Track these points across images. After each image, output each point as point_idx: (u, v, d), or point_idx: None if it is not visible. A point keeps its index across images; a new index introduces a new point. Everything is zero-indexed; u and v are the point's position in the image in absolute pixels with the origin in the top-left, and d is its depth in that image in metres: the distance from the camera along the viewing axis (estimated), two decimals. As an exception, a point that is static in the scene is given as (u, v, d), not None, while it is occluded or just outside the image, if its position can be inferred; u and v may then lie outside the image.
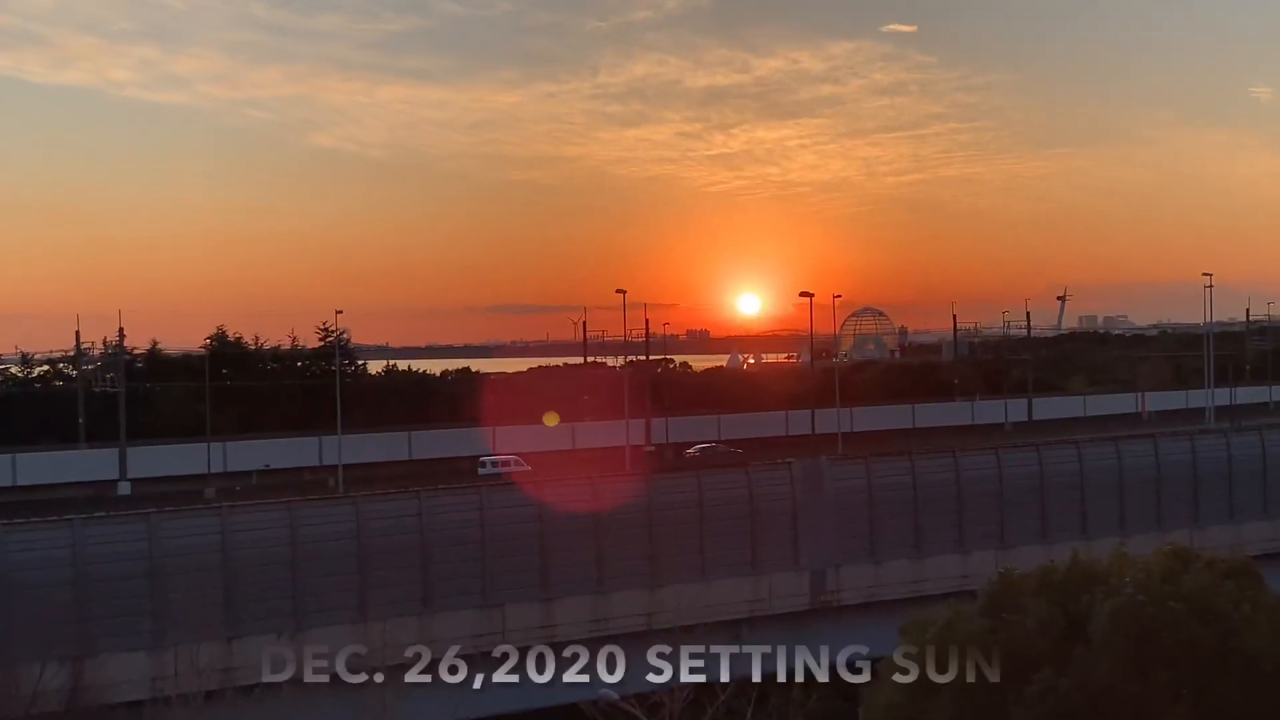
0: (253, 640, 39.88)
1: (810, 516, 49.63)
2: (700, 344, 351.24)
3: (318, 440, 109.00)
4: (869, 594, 49.73)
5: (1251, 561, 32.74)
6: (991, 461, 54.40)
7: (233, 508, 43.26)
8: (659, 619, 43.97)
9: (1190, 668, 28.34)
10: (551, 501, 45.83)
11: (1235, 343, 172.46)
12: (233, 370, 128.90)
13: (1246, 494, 58.63)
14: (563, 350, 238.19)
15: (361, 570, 42.27)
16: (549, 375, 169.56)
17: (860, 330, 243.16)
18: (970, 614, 30.94)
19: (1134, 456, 57.04)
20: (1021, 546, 51.33)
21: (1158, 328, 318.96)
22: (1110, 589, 29.75)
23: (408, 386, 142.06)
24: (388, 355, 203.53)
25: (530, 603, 44.52)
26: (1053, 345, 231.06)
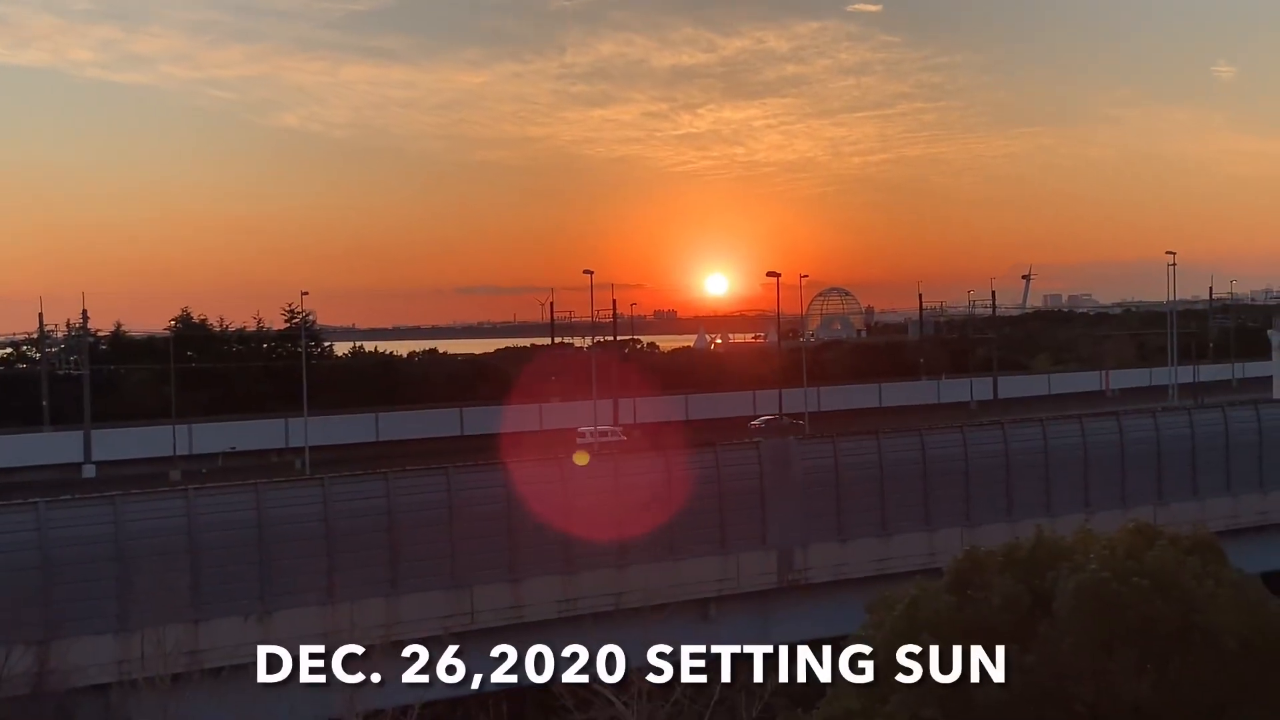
0: (220, 623, 39.79)
1: (778, 496, 49.80)
2: (668, 324, 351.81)
3: (284, 422, 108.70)
4: (836, 572, 49.97)
5: (1215, 537, 33.05)
6: (957, 440, 54.69)
7: (199, 490, 43.07)
8: (628, 599, 44.06)
9: (1154, 643, 28.61)
10: (519, 482, 45.82)
11: (1198, 321, 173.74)
12: (198, 352, 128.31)
13: (1210, 471, 59.14)
14: (530, 331, 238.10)
15: (329, 552, 42.18)
16: (516, 356, 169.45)
17: (827, 310, 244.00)
18: (936, 591, 31.13)
19: (1098, 434, 57.44)
20: (987, 524, 51.67)
21: (1121, 306, 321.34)
22: (1075, 565, 29.99)
23: (374, 368, 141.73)
24: (354, 337, 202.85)
25: (499, 583, 44.52)
26: (1018, 324, 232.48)
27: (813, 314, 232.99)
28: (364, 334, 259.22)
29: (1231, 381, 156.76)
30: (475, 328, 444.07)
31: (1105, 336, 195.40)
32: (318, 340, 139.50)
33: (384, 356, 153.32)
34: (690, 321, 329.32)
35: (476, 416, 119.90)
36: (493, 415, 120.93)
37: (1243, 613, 29.40)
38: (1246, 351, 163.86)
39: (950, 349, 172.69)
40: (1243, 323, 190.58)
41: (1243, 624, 29.16)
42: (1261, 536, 58.91)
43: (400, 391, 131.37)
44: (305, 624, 40.09)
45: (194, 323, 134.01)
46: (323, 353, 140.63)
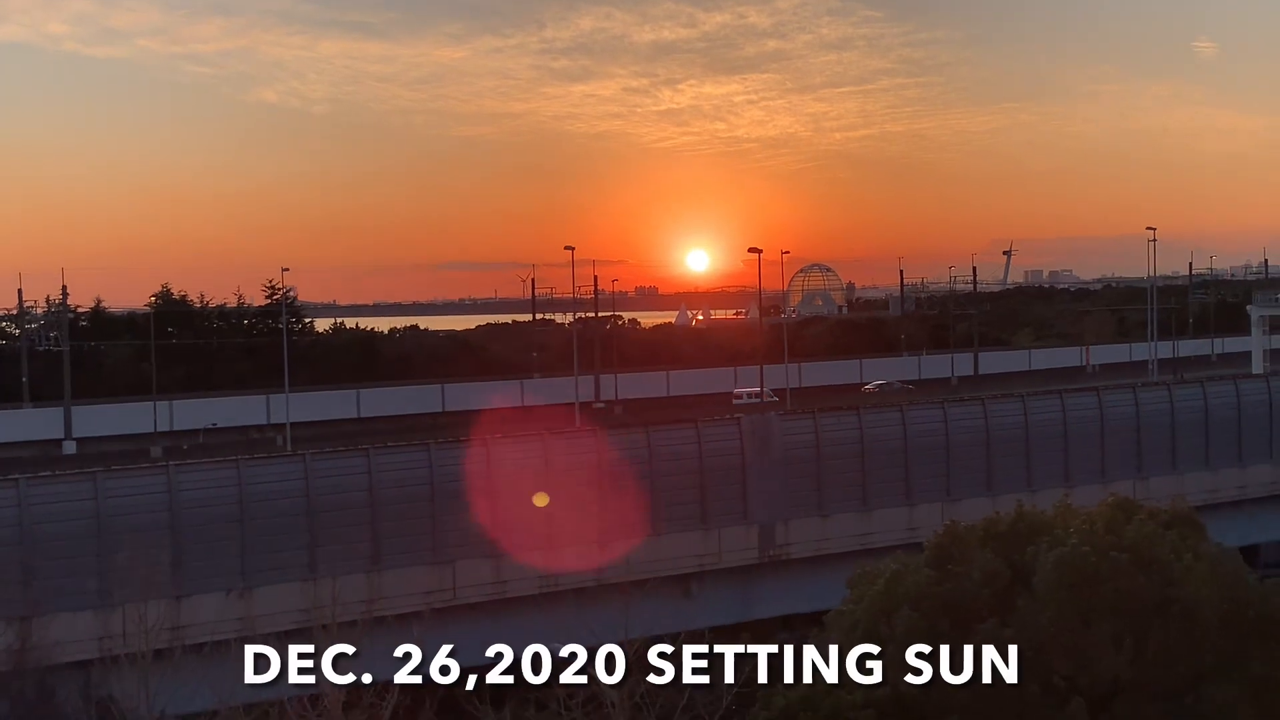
0: (201, 598, 39.76)
1: (759, 471, 49.88)
2: (649, 300, 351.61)
3: (265, 398, 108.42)
4: (817, 547, 50.10)
5: (1193, 512, 33.24)
6: (938, 415, 54.80)
7: (180, 466, 42.96)
8: (608, 574, 44.10)
9: (1132, 616, 28.78)
10: (501, 459, 45.80)
11: (1178, 296, 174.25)
12: (178, 328, 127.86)
13: (1188, 445, 59.39)
14: (511, 307, 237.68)
15: (310, 528, 42.16)
16: (498, 332, 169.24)
17: (808, 286, 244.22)
18: (916, 565, 31.28)
19: (1078, 409, 57.61)
20: (967, 499, 51.83)
21: (1102, 282, 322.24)
22: (1054, 540, 30.14)
23: (355, 344, 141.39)
24: (335, 313, 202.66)
25: (481, 559, 44.55)
26: (998, 300, 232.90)
27: (794, 290, 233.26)
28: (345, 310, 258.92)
29: (1211, 356, 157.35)
30: (456, 304, 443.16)
31: (1085, 312, 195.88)
32: (299, 316, 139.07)
33: (365, 333, 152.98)
34: (672, 298, 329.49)
35: (458, 393, 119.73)
36: (474, 391, 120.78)
37: (1220, 586, 29.60)
38: (1226, 327, 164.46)
39: (931, 325, 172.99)
40: (1222, 298, 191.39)
41: (1220, 598, 29.36)
42: (1240, 511, 59.24)
43: (381, 368, 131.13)
44: (287, 600, 40.08)
45: (174, 299, 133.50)
46: (304, 329, 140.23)
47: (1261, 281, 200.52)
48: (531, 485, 45.90)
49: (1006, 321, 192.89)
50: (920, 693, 28.50)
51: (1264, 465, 60.96)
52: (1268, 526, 61.18)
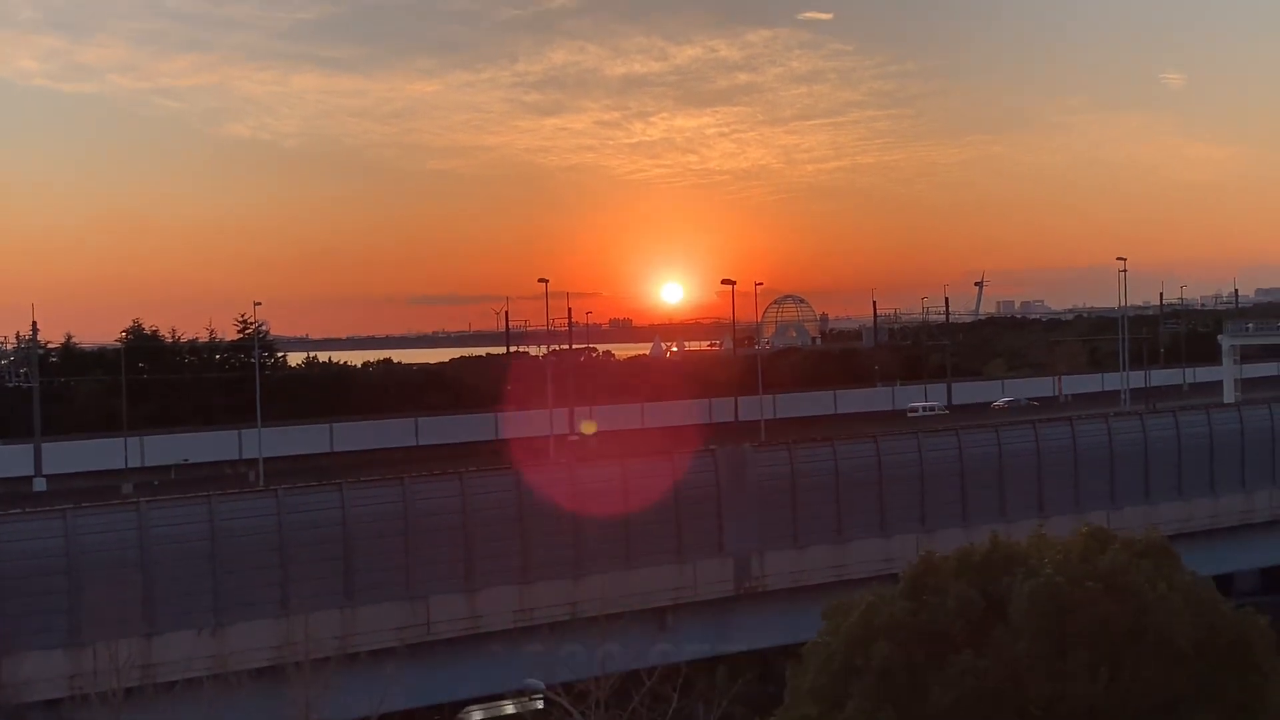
0: (173, 636, 39.41)
1: (734, 503, 49.81)
2: (623, 332, 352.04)
3: (237, 434, 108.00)
4: (793, 579, 50.02)
5: (1167, 541, 33.31)
6: (912, 446, 54.86)
7: (151, 503, 42.62)
8: (584, 608, 43.92)
9: (1107, 646, 28.78)
10: (474, 492, 45.63)
11: (1149, 326, 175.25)
12: (149, 364, 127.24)
13: (1161, 475, 59.60)
14: (485, 340, 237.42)
15: (283, 564, 41.84)
16: (471, 365, 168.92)
17: (782, 317, 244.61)
18: (892, 596, 31.22)
19: (1051, 439, 57.78)
20: (942, 529, 51.86)
21: (1074, 312, 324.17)
22: (1029, 570, 30.14)
23: (328, 378, 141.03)
24: (308, 347, 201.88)
25: (454, 594, 44.30)
26: (971, 330, 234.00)
27: (768, 321, 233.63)
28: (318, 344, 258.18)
29: (1182, 386, 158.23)
30: (430, 337, 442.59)
31: (1057, 342, 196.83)
32: (271, 351, 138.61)
33: (338, 366, 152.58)
34: (646, 329, 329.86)
35: (432, 426, 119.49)
36: (448, 425, 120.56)
37: (1195, 615, 29.64)
38: (1197, 356, 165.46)
39: (904, 356, 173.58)
40: (1193, 328, 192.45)
41: (1195, 626, 29.40)
42: (1213, 540, 59.45)
43: (355, 402, 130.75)
44: (259, 636, 39.75)
45: (145, 334, 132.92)
46: (276, 363, 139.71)
47: (1232, 311, 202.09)
48: (505, 518, 45.74)
49: (979, 352, 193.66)
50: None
51: (1236, 495, 61.24)
52: (1240, 555, 61.42)
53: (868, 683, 29.43)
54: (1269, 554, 62.89)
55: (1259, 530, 61.90)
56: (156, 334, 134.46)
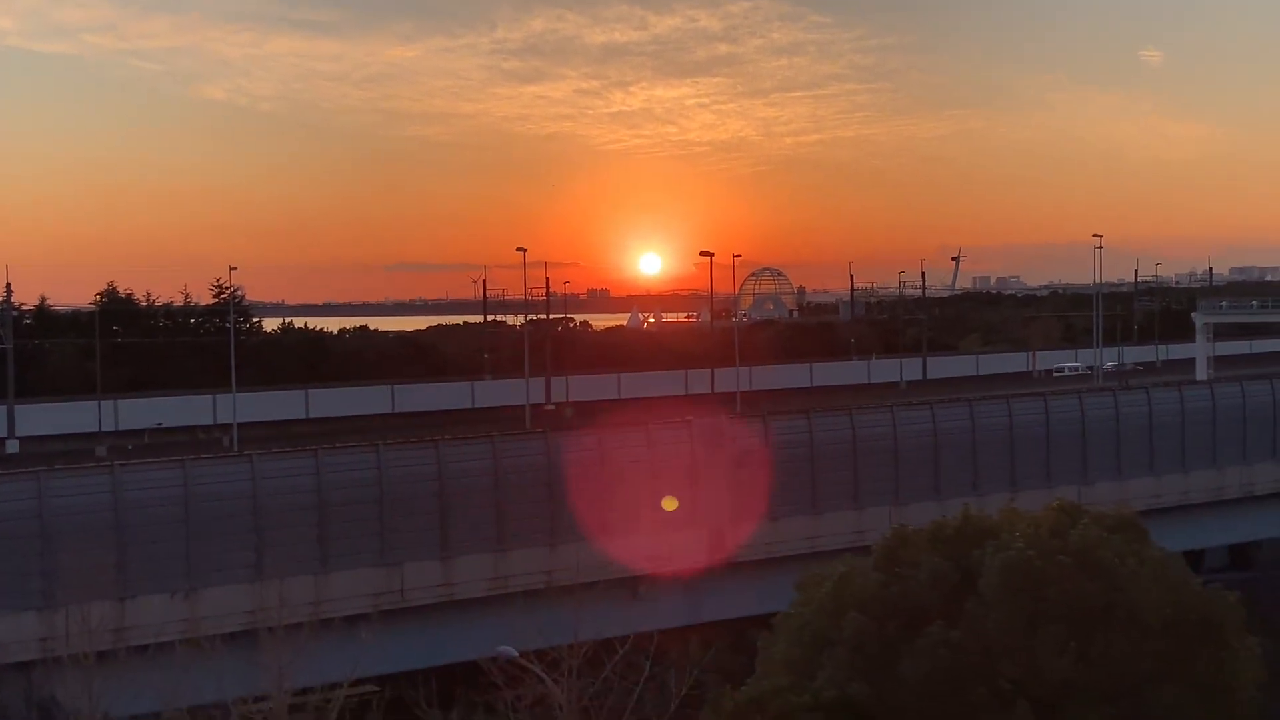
0: (146, 600, 39.36)
1: (709, 474, 49.93)
2: (601, 303, 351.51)
3: (212, 398, 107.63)
4: (766, 550, 50.18)
5: (1138, 516, 33.54)
6: (886, 419, 55.03)
7: (125, 466, 42.49)
8: (558, 576, 44.01)
9: (1077, 619, 29.00)
10: (450, 460, 45.62)
11: (1124, 303, 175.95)
12: (124, 327, 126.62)
13: (1133, 451, 59.89)
14: (463, 309, 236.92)
15: (257, 530, 41.79)
16: (448, 334, 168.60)
17: (759, 290, 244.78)
18: (865, 568, 31.41)
19: (1024, 414, 57.99)
20: (915, 503, 52.07)
21: (1049, 288, 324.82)
22: (1000, 544, 30.34)
23: (304, 344, 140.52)
24: (283, 313, 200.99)
25: (429, 561, 44.34)
26: (947, 305, 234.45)
27: (745, 293, 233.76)
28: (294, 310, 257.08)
29: (1155, 363, 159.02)
30: (407, 305, 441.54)
31: (1032, 318, 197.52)
32: (246, 316, 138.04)
33: (314, 333, 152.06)
34: (623, 300, 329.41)
35: (408, 394, 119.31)
36: (424, 393, 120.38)
37: (1164, 590, 29.89)
38: (1171, 334, 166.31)
39: (881, 330, 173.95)
40: (1167, 305, 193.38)
41: (1164, 601, 29.65)
42: (1183, 516, 59.83)
43: (330, 368, 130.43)
44: (232, 601, 39.72)
45: (120, 297, 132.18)
46: (251, 329, 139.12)
47: (1206, 289, 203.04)
48: (480, 485, 45.77)
49: (955, 326, 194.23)
50: (868, 695, 28.64)
51: (1207, 471, 61.60)
52: (1210, 532, 61.89)
53: (839, 654, 29.63)
54: (1239, 531, 63.39)
55: (1229, 507, 62.33)
56: (131, 297, 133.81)
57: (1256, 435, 63.46)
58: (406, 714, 27.88)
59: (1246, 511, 62.97)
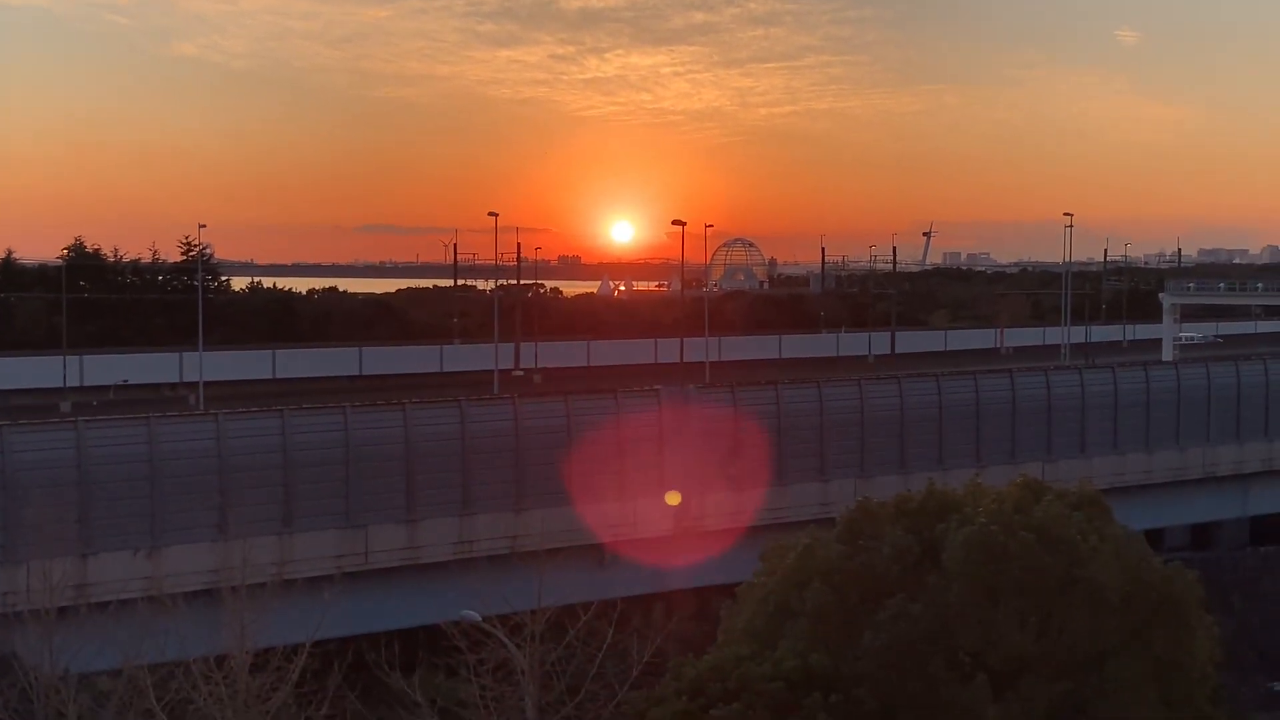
0: (108, 556, 39.21)
1: (676, 444, 49.99)
2: (572, 270, 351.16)
3: (178, 356, 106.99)
4: (732, 520, 50.30)
5: (1100, 494, 33.78)
6: (854, 392, 55.16)
7: (89, 422, 42.21)
8: (524, 542, 44.04)
9: (1038, 594, 29.23)
10: (418, 423, 45.53)
11: (1093, 282, 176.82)
12: (91, 283, 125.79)
13: (1097, 429, 60.27)
14: (433, 272, 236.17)
15: (222, 489, 41.64)
16: (418, 297, 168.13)
17: (731, 260, 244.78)
18: (828, 540, 31.55)
19: (991, 390, 58.24)
20: (880, 476, 52.32)
21: (1018, 265, 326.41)
22: (964, 518, 30.51)
23: (272, 304, 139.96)
24: (252, 272, 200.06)
25: (395, 524, 44.31)
26: (917, 280, 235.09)
27: (716, 264, 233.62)
28: (262, 270, 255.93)
29: (1122, 342, 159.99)
30: (376, 267, 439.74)
31: (1002, 295, 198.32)
32: (215, 274, 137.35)
33: (282, 293, 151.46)
34: (594, 268, 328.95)
35: (376, 357, 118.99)
36: (392, 356, 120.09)
37: (1124, 567, 30.15)
38: (1138, 314, 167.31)
39: (851, 303, 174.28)
40: (1135, 285, 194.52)
41: (1124, 578, 29.91)
42: (1146, 495, 60.30)
43: (298, 329, 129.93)
44: (195, 560, 39.63)
45: (87, 252, 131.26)
46: (219, 287, 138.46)
47: (1174, 270, 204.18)
48: (447, 450, 45.70)
49: (924, 302, 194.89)
50: (829, 665, 28.81)
51: (1170, 451, 62.05)
52: (1171, 511, 62.37)
53: (801, 624, 29.80)
54: (1200, 511, 63.89)
55: (1191, 487, 62.82)
56: (99, 253, 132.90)
57: (1219, 417, 63.95)
58: (368, 675, 27.87)
59: (1208, 492, 63.50)
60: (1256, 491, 65.23)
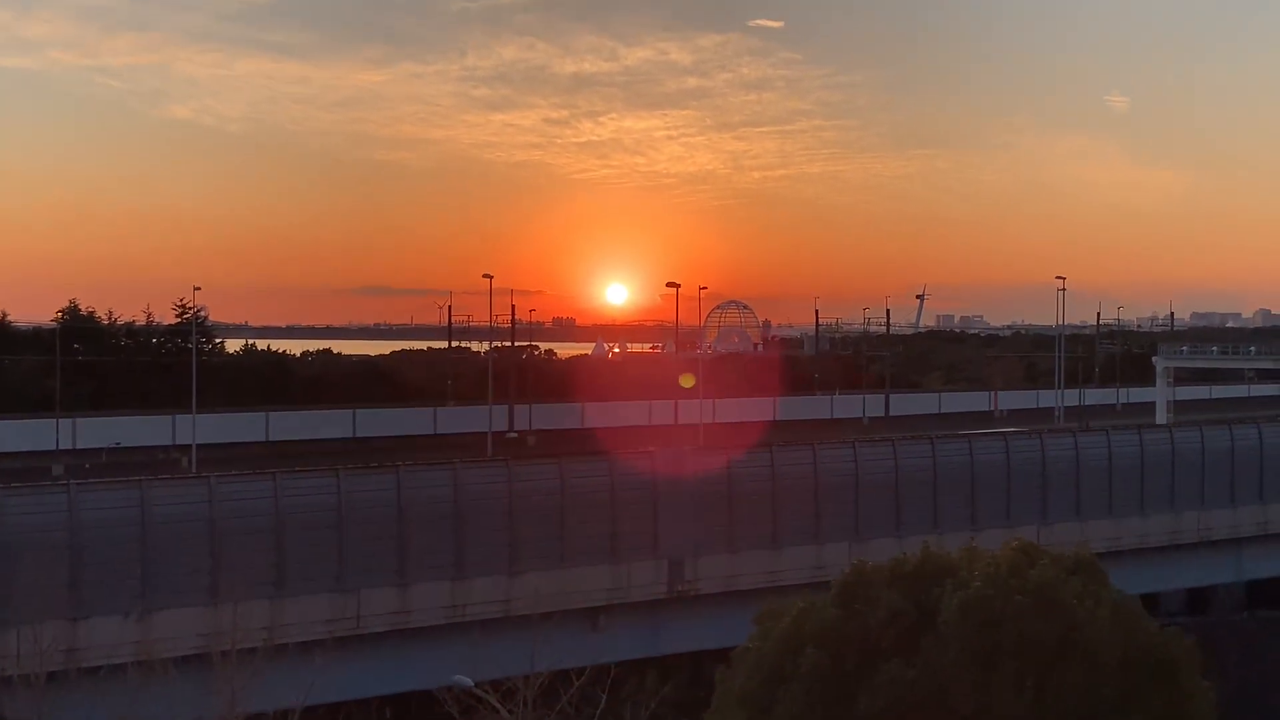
0: (99, 621, 38.95)
1: (671, 506, 49.88)
2: (566, 332, 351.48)
3: (172, 419, 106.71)
4: (726, 583, 50.14)
5: (1095, 558, 33.68)
6: (848, 455, 55.11)
7: (81, 485, 42.12)
8: (517, 605, 43.83)
9: (1034, 659, 29.06)
10: (411, 486, 45.41)
11: (1086, 345, 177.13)
12: (85, 345, 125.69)
13: (1092, 493, 60.19)
14: (427, 334, 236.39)
15: (214, 552, 41.46)
16: (412, 359, 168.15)
17: (725, 323, 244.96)
18: (823, 604, 31.37)
19: (986, 453, 58.21)
20: (875, 539, 52.18)
21: (1012, 328, 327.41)
22: (959, 581, 30.38)
23: (266, 366, 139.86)
24: (247, 334, 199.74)
25: (387, 587, 44.07)
26: (911, 343, 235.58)
27: (711, 326, 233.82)
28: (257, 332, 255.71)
29: (1116, 405, 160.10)
30: (371, 329, 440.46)
31: (995, 358, 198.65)
32: (209, 336, 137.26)
33: (277, 355, 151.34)
34: (589, 329, 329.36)
35: (369, 419, 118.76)
36: (386, 418, 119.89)
37: (1121, 631, 30.00)
38: (1131, 377, 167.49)
39: (845, 365, 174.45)
40: (1128, 349, 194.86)
41: (1121, 642, 29.75)
42: (1141, 559, 60.14)
43: (293, 391, 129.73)
44: (187, 624, 39.38)
45: (82, 315, 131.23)
46: (214, 349, 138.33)
47: (1167, 333, 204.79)
48: (440, 512, 45.57)
49: (918, 364, 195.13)
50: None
51: (1165, 515, 61.95)
52: (1167, 576, 62.20)
53: (796, 689, 29.57)
54: (1195, 575, 63.74)
55: (1186, 551, 62.69)
56: (93, 315, 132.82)
57: (1213, 481, 63.93)
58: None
59: (1203, 556, 63.36)
60: (1251, 555, 65.10)
